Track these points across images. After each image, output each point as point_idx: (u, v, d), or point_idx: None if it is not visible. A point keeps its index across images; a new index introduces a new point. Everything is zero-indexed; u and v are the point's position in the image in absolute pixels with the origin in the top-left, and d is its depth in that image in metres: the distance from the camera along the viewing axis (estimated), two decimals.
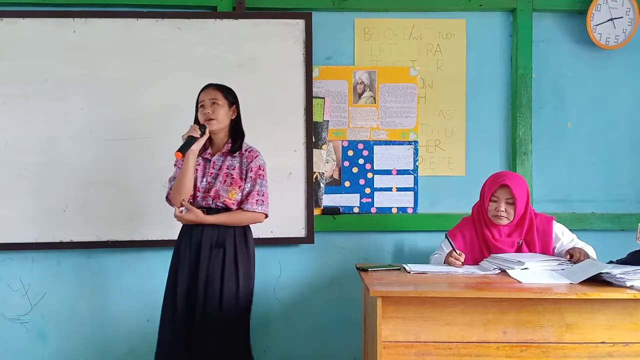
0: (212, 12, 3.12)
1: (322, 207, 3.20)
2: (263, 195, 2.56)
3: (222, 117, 2.53)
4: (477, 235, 2.66)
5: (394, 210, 3.22)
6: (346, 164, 3.22)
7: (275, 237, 3.09)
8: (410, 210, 3.22)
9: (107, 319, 3.14)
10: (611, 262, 2.39)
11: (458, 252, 2.52)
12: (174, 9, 3.12)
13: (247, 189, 2.54)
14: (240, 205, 2.54)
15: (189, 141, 2.44)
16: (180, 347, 2.46)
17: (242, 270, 2.51)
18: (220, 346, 2.44)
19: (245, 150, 2.58)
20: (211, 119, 2.50)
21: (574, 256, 2.45)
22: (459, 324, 2.12)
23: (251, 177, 2.54)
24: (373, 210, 3.22)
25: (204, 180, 2.53)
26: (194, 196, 2.52)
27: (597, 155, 3.27)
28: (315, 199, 3.18)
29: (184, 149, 2.43)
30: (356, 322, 2.95)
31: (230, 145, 2.57)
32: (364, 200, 3.22)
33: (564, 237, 2.62)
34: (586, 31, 3.17)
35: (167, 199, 2.61)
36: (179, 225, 3.02)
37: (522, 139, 3.20)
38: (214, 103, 2.52)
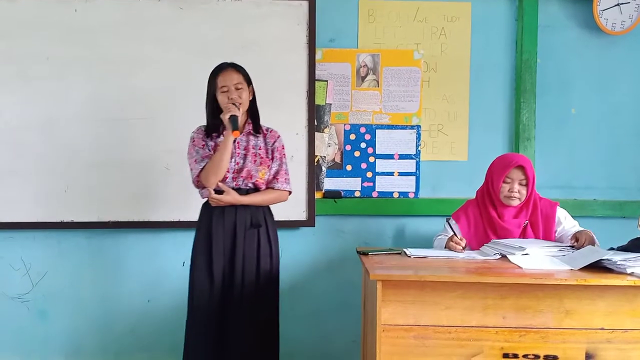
0: None
1: (323, 191, 3.19)
2: (287, 173, 2.63)
3: (245, 100, 2.55)
4: (481, 218, 2.67)
5: (396, 195, 3.22)
6: (348, 147, 3.21)
7: (276, 220, 3.08)
8: (411, 195, 3.22)
9: (108, 299, 3.15)
10: (612, 249, 2.38)
11: (459, 237, 2.53)
12: None
13: (274, 168, 2.60)
14: (268, 184, 2.58)
15: (235, 119, 2.45)
16: (215, 321, 2.51)
17: (274, 248, 2.61)
18: (255, 317, 2.52)
19: (267, 130, 2.63)
20: (239, 104, 2.50)
21: (579, 240, 2.44)
22: (458, 308, 2.12)
23: (277, 156, 2.61)
24: (374, 194, 3.22)
25: (233, 161, 2.53)
26: (223, 178, 2.52)
27: (600, 142, 3.25)
28: (317, 182, 3.17)
29: (237, 126, 2.45)
30: (356, 305, 2.95)
31: (251, 125, 2.60)
32: (366, 184, 3.22)
33: (566, 221, 2.62)
34: (592, 16, 3.14)
35: (196, 181, 2.55)
36: (180, 205, 3.00)
37: (525, 124, 3.18)
38: (239, 88, 2.52)
